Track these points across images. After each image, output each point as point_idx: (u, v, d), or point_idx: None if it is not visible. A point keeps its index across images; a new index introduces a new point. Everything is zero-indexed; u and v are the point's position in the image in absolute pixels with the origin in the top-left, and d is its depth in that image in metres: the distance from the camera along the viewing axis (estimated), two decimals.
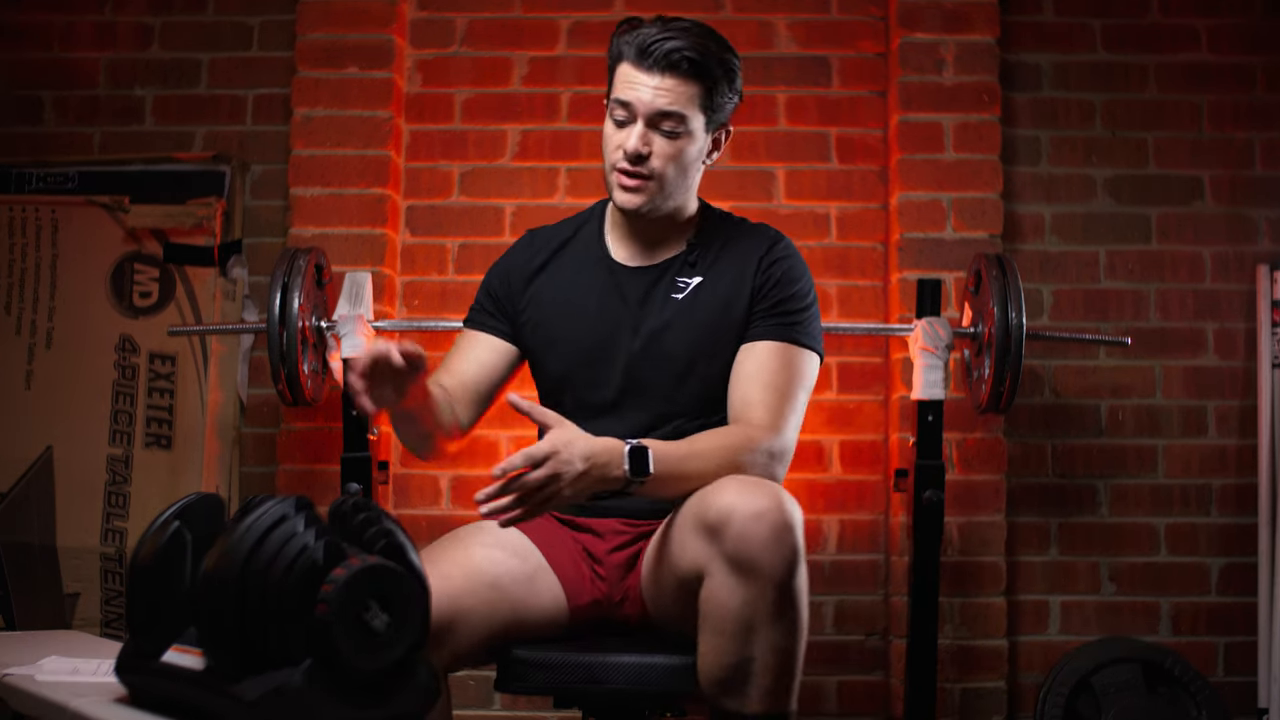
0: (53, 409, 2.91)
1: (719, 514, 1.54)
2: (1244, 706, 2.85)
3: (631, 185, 1.78)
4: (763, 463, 1.70)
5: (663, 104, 1.75)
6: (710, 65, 1.76)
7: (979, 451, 2.82)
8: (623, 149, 1.77)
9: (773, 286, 1.83)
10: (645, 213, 1.82)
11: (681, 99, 1.75)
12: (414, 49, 3.02)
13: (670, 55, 1.73)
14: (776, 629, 1.55)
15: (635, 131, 1.76)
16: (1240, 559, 2.90)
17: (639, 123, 1.76)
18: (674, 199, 1.84)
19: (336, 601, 1.20)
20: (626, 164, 1.77)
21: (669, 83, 1.74)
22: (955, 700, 2.76)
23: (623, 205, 1.81)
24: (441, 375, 1.91)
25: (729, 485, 1.57)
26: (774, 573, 1.52)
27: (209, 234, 2.94)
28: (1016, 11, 3.01)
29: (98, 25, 3.06)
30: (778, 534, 1.52)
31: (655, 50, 1.73)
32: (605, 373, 1.85)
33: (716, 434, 1.73)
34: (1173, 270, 2.98)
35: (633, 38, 1.76)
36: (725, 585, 1.54)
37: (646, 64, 1.74)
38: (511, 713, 2.86)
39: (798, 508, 1.57)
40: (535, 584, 1.77)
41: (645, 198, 1.79)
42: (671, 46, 1.73)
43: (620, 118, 1.78)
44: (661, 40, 1.74)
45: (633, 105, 1.76)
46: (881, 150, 2.99)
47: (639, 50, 1.75)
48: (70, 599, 2.87)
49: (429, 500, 2.90)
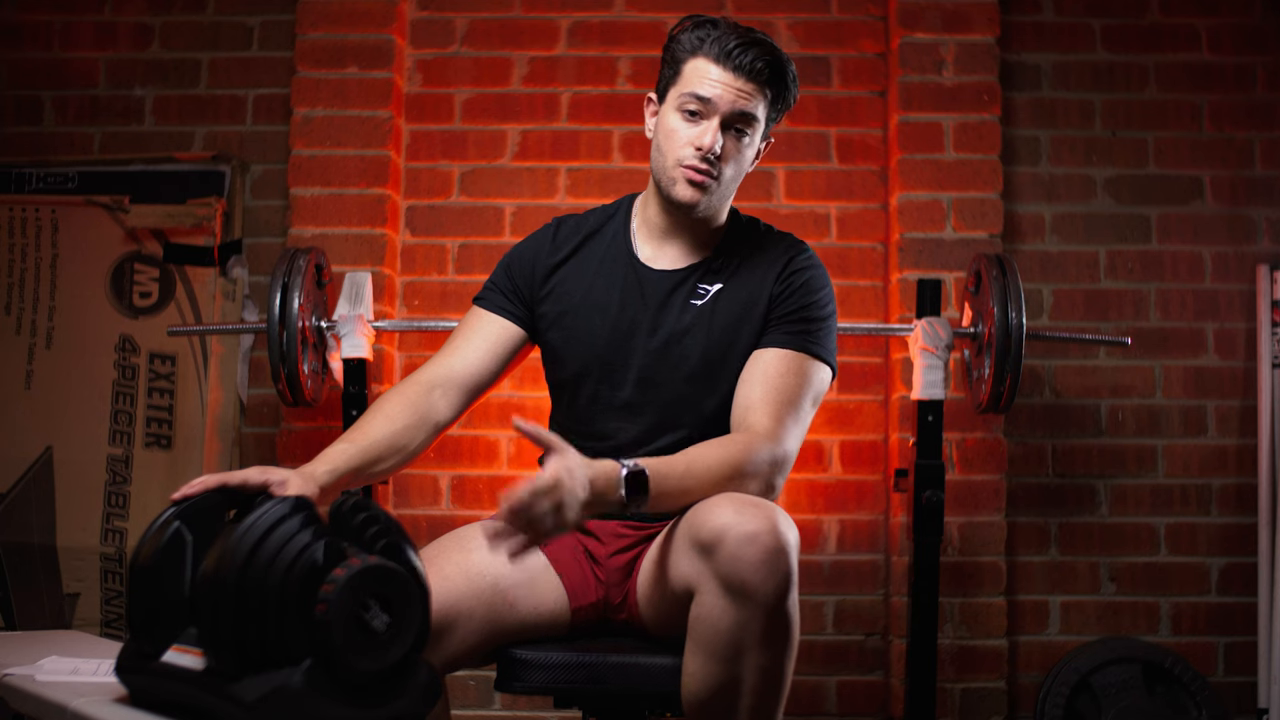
0: (53, 409, 2.91)
1: (712, 533, 1.52)
2: (1244, 706, 2.85)
3: (699, 181, 1.78)
4: (764, 472, 1.68)
5: (743, 106, 1.77)
6: (783, 78, 1.80)
7: (979, 451, 2.82)
8: (697, 145, 1.77)
9: (791, 295, 1.83)
10: (701, 210, 1.82)
11: (759, 105, 1.78)
12: (414, 49, 3.02)
13: (755, 62, 1.76)
14: (766, 652, 1.53)
15: (713, 128, 1.76)
16: (1240, 559, 2.90)
17: (715, 120, 1.77)
18: (723, 201, 1.85)
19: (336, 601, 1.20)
20: (698, 160, 1.77)
21: (750, 87, 1.76)
22: (955, 700, 2.77)
23: (684, 200, 1.80)
24: (439, 359, 1.86)
25: (724, 504, 1.55)
26: (765, 597, 1.50)
27: (209, 234, 2.94)
28: (1016, 11, 3.01)
29: (98, 25, 3.06)
30: (771, 557, 1.49)
31: (740, 55, 1.76)
32: (621, 372, 1.84)
33: (717, 445, 1.70)
34: (1173, 270, 2.98)
35: (713, 36, 1.78)
36: (716, 606, 1.52)
37: (731, 65, 1.76)
38: (511, 713, 2.86)
39: (793, 529, 1.55)
40: (536, 585, 1.77)
41: (707, 196, 1.80)
42: (756, 54, 1.76)
43: (694, 110, 1.78)
44: (746, 45, 1.76)
45: (713, 102, 1.76)
46: (881, 150, 2.99)
47: (724, 51, 1.76)
48: (70, 599, 2.87)
49: (429, 500, 2.90)
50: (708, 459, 1.66)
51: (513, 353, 1.90)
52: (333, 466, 1.62)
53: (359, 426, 1.73)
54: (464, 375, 1.84)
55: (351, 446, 1.67)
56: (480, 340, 1.88)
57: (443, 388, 1.82)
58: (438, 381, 1.82)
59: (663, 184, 1.82)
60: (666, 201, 1.83)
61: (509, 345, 1.89)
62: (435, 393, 1.80)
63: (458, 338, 1.89)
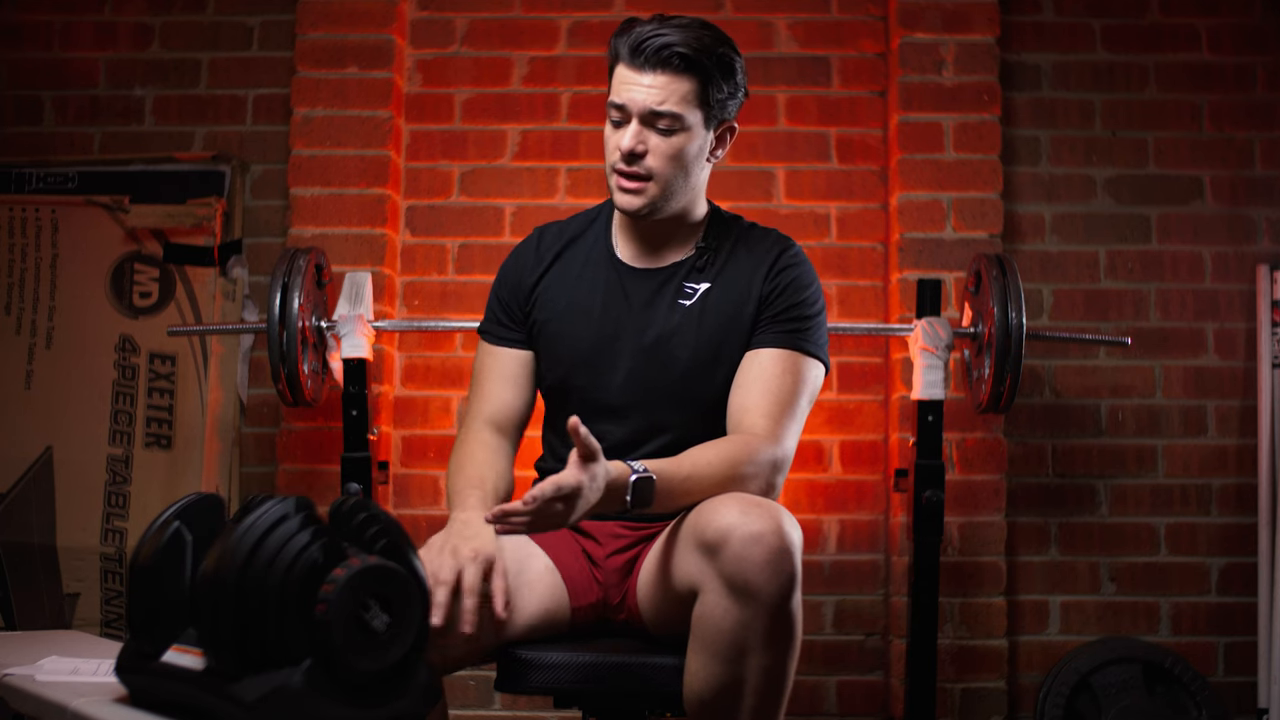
0: (53, 409, 2.91)
1: (717, 533, 1.52)
2: (1244, 706, 2.85)
3: (630, 187, 1.76)
4: (765, 473, 1.68)
5: (653, 102, 1.72)
6: (703, 60, 1.73)
7: (979, 451, 2.82)
8: (618, 148, 1.75)
9: (780, 293, 1.81)
10: (646, 214, 1.79)
11: (674, 96, 1.72)
12: (414, 49, 3.02)
13: (661, 52, 1.71)
14: (769, 653, 1.53)
15: (630, 130, 1.74)
16: (1240, 559, 2.90)
17: (633, 122, 1.74)
18: (677, 199, 1.81)
19: (336, 601, 1.20)
20: (623, 164, 1.75)
21: (661, 80, 1.72)
22: (955, 700, 2.76)
23: (623, 207, 1.79)
24: (480, 405, 1.89)
25: (730, 504, 1.54)
26: (770, 597, 1.50)
27: (209, 234, 2.94)
28: (1016, 11, 3.01)
29: (98, 25, 3.06)
30: (776, 558, 1.50)
31: (647, 48, 1.71)
32: (608, 375, 1.84)
33: (716, 447, 1.70)
34: (1173, 270, 2.98)
35: (627, 37, 1.74)
36: (719, 606, 1.52)
37: (639, 62, 1.72)
38: (511, 713, 2.86)
39: (797, 530, 1.55)
40: (536, 587, 1.76)
41: (645, 199, 1.77)
42: (663, 43, 1.71)
43: (616, 119, 1.76)
44: (653, 37, 1.71)
45: (626, 106, 1.73)
46: (881, 150, 2.99)
47: (631, 49, 1.73)
48: (70, 599, 2.87)
49: (429, 500, 2.90)
50: (709, 459, 1.66)
51: (533, 374, 1.93)
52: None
53: (467, 473, 1.78)
54: (508, 415, 1.89)
55: (483, 494, 1.74)
56: (501, 378, 1.91)
57: (501, 430, 1.88)
58: (493, 424, 1.88)
59: (610, 193, 1.82)
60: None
61: (526, 370, 1.92)
62: (499, 435, 1.88)
63: (483, 381, 1.91)
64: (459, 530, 1.63)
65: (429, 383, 2.94)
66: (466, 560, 1.56)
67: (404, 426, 2.93)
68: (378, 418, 2.78)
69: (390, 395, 2.91)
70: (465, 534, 1.61)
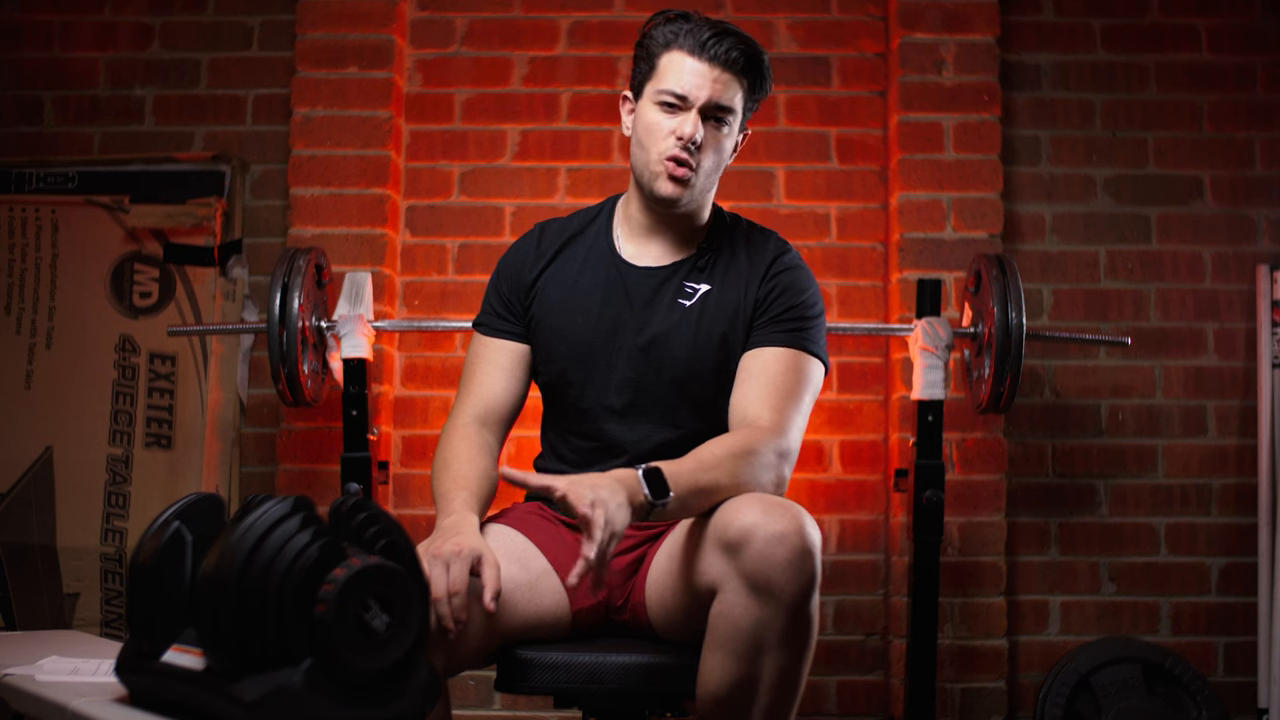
0: (53, 409, 2.91)
1: (739, 532, 1.52)
2: (1244, 706, 2.85)
3: (680, 174, 1.78)
4: (773, 463, 1.69)
5: (719, 97, 1.77)
6: (758, 65, 1.80)
7: (979, 451, 2.82)
8: (678, 134, 1.77)
9: (779, 295, 1.83)
10: (682, 205, 1.82)
11: (733, 94, 1.78)
12: (414, 49, 3.02)
13: (730, 51, 1.76)
14: (785, 652, 1.54)
15: (692, 117, 1.76)
16: (1240, 559, 2.90)
17: (693, 112, 1.77)
18: (705, 195, 1.85)
19: (336, 601, 1.20)
20: (680, 150, 1.77)
21: (726, 77, 1.77)
22: (955, 700, 2.77)
23: (666, 195, 1.79)
24: (468, 397, 1.88)
25: (752, 504, 1.55)
26: (790, 597, 1.51)
27: (209, 234, 2.94)
28: (1016, 11, 3.01)
29: (98, 25, 3.06)
30: (798, 557, 1.51)
31: (715, 45, 1.76)
32: (606, 372, 1.84)
33: (722, 442, 1.70)
34: (1173, 270, 2.98)
35: (687, 29, 1.78)
36: (739, 604, 1.53)
37: (707, 56, 1.76)
38: (511, 713, 2.86)
39: (818, 532, 1.56)
40: (537, 589, 1.76)
41: (688, 191, 1.80)
42: (731, 44, 1.76)
43: (672, 103, 1.78)
44: (721, 35, 1.77)
45: (690, 95, 1.76)
46: (881, 150, 2.99)
47: (699, 43, 1.76)
48: (70, 599, 2.87)
49: (429, 500, 2.90)
50: (716, 453, 1.66)
51: (527, 368, 1.92)
52: (476, 517, 1.70)
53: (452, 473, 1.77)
54: (497, 409, 1.88)
55: (469, 495, 1.73)
56: (494, 369, 1.90)
57: (488, 424, 1.87)
58: (480, 418, 1.87)
59: (644, 180, 1.82)
60: (649, 198, 1.83)
61: (521, 364, 1.91)
62: (485, 430, 1.86)
63: (476, 371, 1.91)
64: (443, 535, 1.63)
65: (429, 383, 2.94)
66: (450, 556, 1.55)
67: (404, 426, 2.93)
68: (378, 418, 2.78)
69: (390, 395, 2.92)
70: (448, 535, 1.61)
